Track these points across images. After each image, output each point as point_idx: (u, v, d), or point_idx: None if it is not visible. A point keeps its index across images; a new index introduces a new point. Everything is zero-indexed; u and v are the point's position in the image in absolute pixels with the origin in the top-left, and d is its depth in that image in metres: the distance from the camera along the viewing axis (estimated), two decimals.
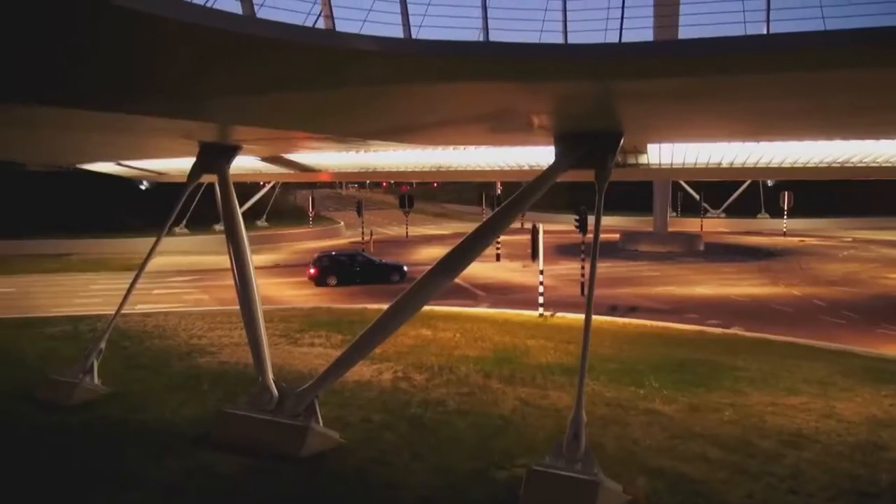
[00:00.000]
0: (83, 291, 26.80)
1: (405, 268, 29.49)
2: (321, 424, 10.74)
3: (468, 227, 47.82)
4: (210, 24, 5.47)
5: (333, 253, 30.89)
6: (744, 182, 62.66)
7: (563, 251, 36.78)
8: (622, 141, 10.29)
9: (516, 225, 34.16)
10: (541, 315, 20.55)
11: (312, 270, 28.66)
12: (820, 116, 9.64)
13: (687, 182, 62.25)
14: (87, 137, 13.21)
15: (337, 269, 28.82)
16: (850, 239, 46.75)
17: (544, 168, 10.96)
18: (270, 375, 11.16)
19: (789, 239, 45.48)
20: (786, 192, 47.48)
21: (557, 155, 10.68)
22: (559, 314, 20.83)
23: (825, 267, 32.76)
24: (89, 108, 8.39)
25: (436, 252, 33.09)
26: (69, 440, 11.09)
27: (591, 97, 8.68)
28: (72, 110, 8.75)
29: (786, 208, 47.17)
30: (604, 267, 24.49)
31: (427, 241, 48.04)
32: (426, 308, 21.73)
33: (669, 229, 43.06)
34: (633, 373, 14.39)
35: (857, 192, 55.64)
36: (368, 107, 9.32)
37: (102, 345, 13.46)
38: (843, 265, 33.44)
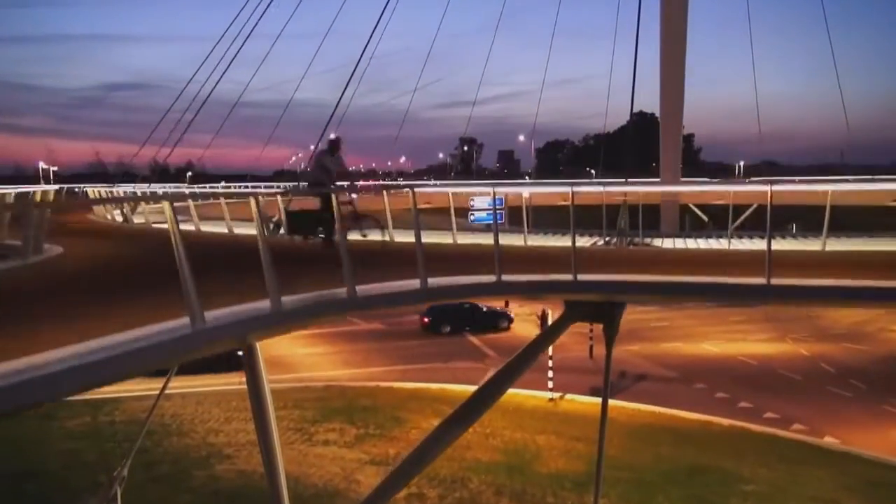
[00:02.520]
0: None
1: (511, 315, 30.42)
2: None
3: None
4: None
5: None
6: (751, 205, 62.79)
7: None
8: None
9: None
10: (551, 399, 20.85)
11: (426, 319, 29.57)
12: None
13: (695, 204, 62.43)
14: None
15: (450, 317, 29.61)
16: None
17: None
18: None
19: None
20: (793, 224, 47.47)
21: (567, 310, 10.98)
22: (568, 396, 21.13)
23: (831, 315, 32.87)
24: None
25: None
26: None
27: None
28: None
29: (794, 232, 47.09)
30: None
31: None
32: (437, 387, 22.48)
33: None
34: (643, 486, 14.69)
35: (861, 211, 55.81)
36: None
37: (125, 472, 13.85)
38: (850, 311, 33.47)
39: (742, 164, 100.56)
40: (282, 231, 16.81)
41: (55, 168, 76.25)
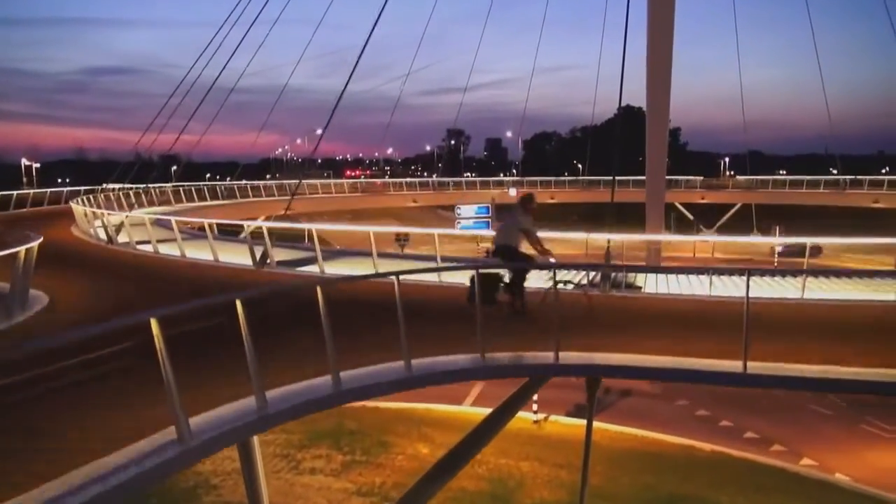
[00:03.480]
0: None
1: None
2: None
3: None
4: None
5: None
6: (735, 203, 63.43)
7: None
8: None
9: None
10: (535, 421, 21.09)
11: None
12: None
13: (682, 203, 62.95)
14: None
15: None
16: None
17: None
18: None
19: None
20: (777, 226, 48.08)
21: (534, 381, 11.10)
22: (553, 417, 21.38)
23: None
24: None
25: None
26: None
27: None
28: None
29: (777, 241, 47.61)
30: None
31: None
32: (422, 406, 22.65)
33: (662, 255, 43.11)
34: None
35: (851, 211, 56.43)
36: None
37: None
38: None
39: (727, 160, 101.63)
40: (270, 262, 16.89)
41: (37, 165, 75.34)
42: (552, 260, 10.98)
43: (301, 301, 10.20)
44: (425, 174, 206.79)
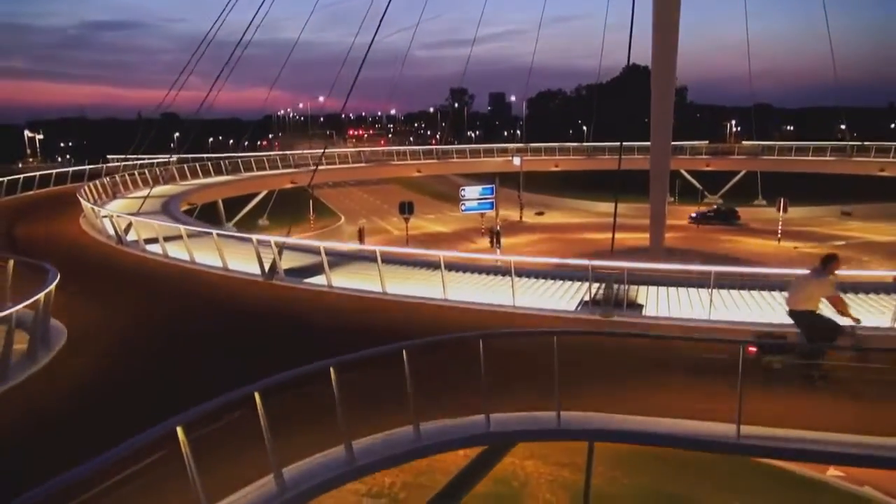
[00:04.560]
0: None
1: None
2: None
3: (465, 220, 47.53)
4: None
5: None
6: (738, 172, 63.27)
7: None
8: None
9: None
10: None
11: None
12: None
13: (687, 170, 62.76)
14: None
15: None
16: (843, 242, 47.64)
17: None
18: None
19: (783, 247, 46.29)
20: (781, 199, 48.05)
21: None
22: None
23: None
24: None
25: None
26: None
27: None
28: None
29: (781, 215, 47.74)
30: None
31: (437, 245, 48.39)
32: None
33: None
34: None
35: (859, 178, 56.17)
36: None
37: None
38: None
39: (733, 123, 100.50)
40: (279, 274, 17.19)
41: (40, 136, 75.09)
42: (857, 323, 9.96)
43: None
44: (429, 132, 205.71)
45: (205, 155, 57.22)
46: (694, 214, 54.59)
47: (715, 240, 49.23)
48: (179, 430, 6.10)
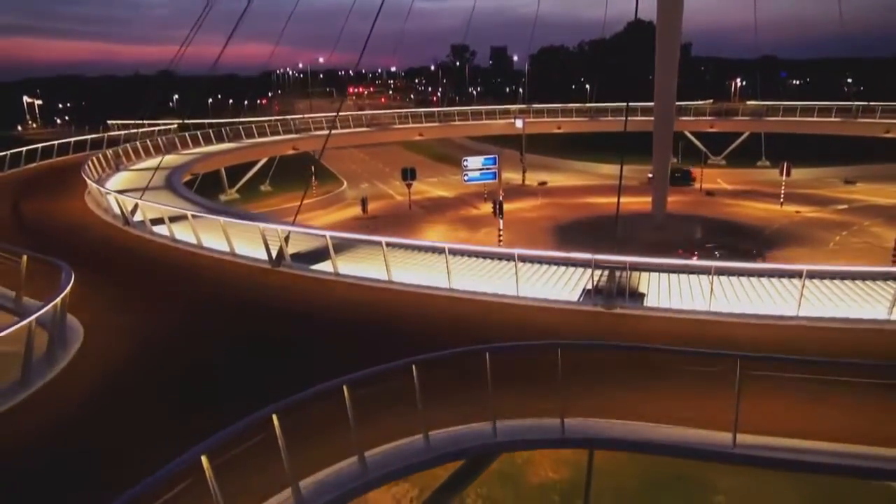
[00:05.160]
0: None
1: None
2: None
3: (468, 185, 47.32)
4: None
5: None
6: (742, 134, 62.84)
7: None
8: None
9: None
10: None
11: None
12: None
13: (691, 132, 62.31)
14: None
15: None
16: (845, 206, 47.63)
17: None
18: None
19: (786, 210, 46.29)
20: (785, 163, 47.86)
21: None
22: None
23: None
24: None
25: None
26: None
27: None
28: None
29: (784, 179, 47.61)
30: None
31: (440, 211, 48.37)
32: None
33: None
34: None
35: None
36: None
37: None
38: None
39: (738, 81, 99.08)
40: (286, 260, 17.44)
41: (39, 102, 74.44)
42: None
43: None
44: (429, 89, 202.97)
45: (205, 121, 56.95)
46: (651, 175, 55.04)
47: (718, 203, 49.25)
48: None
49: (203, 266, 18.68)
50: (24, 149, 38.16)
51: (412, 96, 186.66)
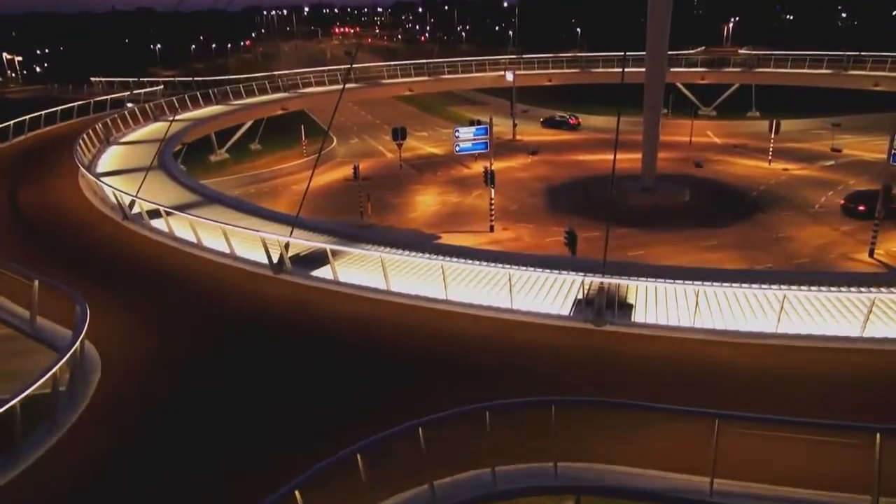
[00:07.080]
0: None
1: None
2: None
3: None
4: None
5: None
6: (733, 84, 62.51)
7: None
8: None
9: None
10: None
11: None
12: None
13: (682, 83, 61.97)
14: None
15: None
16: (832, 162, 48.11)
17: None
18: None
19: (773, 169, 46.68)
20: (773, 121, 48.02)
21: None
22: None
23: (799, 235, 34.55)
24: None
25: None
26: None
27: None
28: None
29: (773, 136, 47.83)
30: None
31: (431, 170, 48.54)
32: None
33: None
34: None
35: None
36: None
37: None
38: (818, 230, 35.15)
39: (730, 26, 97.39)
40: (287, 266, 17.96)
41: (20, 57, 72.04)
42: None
43: None
44: (416, 27, 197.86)
45: (191, 79, 56.08)
46: (543, 120, 66.54)
47: (707, 160, 49.55)
48: None
49: (201, 269, 19.05)
50: (12, 122, 37.73)
51: (399, 36, 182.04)
